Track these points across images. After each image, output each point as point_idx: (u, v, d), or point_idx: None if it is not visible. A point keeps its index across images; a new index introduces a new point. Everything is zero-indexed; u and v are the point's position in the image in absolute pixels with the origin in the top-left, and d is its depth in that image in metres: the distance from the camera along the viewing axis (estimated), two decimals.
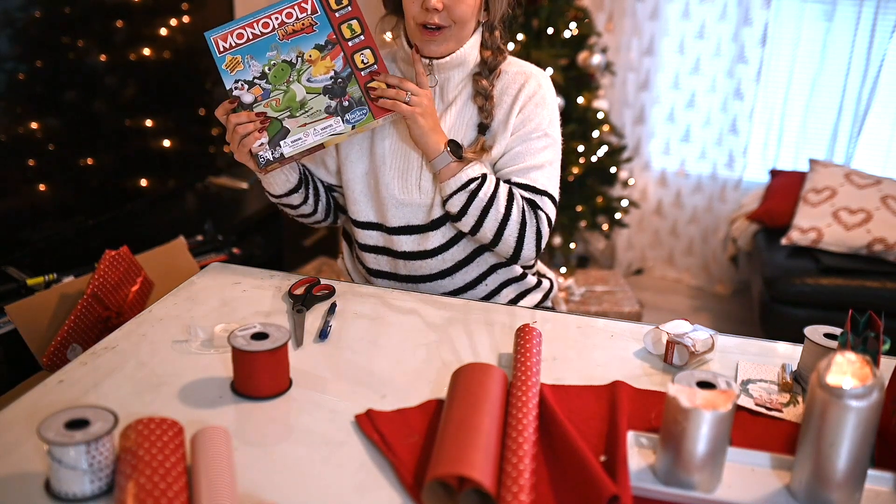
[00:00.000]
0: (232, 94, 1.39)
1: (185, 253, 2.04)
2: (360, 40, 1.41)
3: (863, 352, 1.06)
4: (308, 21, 1.40)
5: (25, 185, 2.29)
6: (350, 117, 1.40)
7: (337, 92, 1.40)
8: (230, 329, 1.27)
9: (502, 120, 1.52)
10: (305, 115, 1.39)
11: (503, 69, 1.54)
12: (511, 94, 1.52)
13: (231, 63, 1.37)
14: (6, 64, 2.17)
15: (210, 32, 1.39)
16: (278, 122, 1.39)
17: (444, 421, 1.02)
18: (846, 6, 3.20)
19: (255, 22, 1.39)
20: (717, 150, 3.50)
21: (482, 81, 1.51)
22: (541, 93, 1.53)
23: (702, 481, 0.97)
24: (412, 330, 1.36)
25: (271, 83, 1.39)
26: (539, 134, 1.52)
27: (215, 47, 1.38)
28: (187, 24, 2.83)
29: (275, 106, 1.38)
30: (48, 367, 1.59)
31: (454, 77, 1.52)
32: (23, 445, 1.01)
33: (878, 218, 2.87)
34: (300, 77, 1.39)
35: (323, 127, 1.40)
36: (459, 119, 1.53)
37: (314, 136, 1.39)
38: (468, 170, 1.46)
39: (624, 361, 1.29)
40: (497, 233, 1.48)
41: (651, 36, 3.44)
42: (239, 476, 0.96)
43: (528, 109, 1.52)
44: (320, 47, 1.40)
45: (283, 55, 1.39)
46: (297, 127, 1.39)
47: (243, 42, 1.38)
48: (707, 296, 3.61)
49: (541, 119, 1.52)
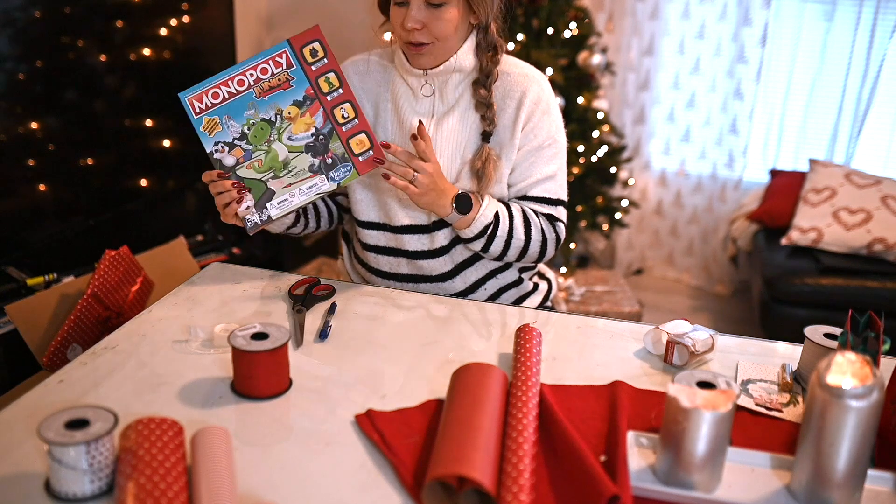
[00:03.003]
0: (213, 157, 1.35)
1: (185, 253, 2.05)
2: (338, 94, 1.37)
3: (863, 352, 1.06)
4: (284, 76, 1.35)
5: (25, 185, 2.29)
6: (334, 175, 1.38)
7: (319, 149, 1.37)
8: (230, 329, 1.27)
9: (508, 126, 1.51)
10: (289, 175, 1.36)
11: (504, 70, 1.52)
12: (515, 99, 1.51)
13: (209, 124, 1.33)
14: (6, 64, 2.17)
15: (184, 93, 1.33)
16: (262, 184, 1.36)
17: (444, 421, 1.02)
18: (846, 6, 3.19)
19: (230, 80, 1.34)
20: (717, 150, 3.50)
21: (481, 91, 1.49)
22: (545, 98, 1.53)
23: (702, 481, 0.97)
24: (412, 330, 1.36)
25: (252, 143, 1.35)
26: (549, 142, 1.53)
27: (191, 109, 1.34)
28: (187, 24, 2.83)
29: (257, 167, 1.35)
30: (48, 367, 1.59)
31: (452, 80, 1.51)
32: (23, 445, 1.01)
33: (878, 218, 2.87)
34: (281, 136, 1.36)
35: (308, 186, 1.37)
36: (462, 125, 1.52)
37: (300, 196, 1.37)
38: (480, 218, 1.46)
39: (624, 361, 1.29)
40: (521, 255, 1.54)
41: (651, 36, 3.44)
42: (239, 476, 0.96)
43: (535, 119, 1.51)
44: (299, 103, 1.36)
45: (262, 114, 1.35)
46: (282, 188, 1.36)
47: (219, 102, 1.34)
48: (707, 296, 3.61)
49: (549, 127, 1.53)
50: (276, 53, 1.35)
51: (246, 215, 1.36)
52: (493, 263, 1.59)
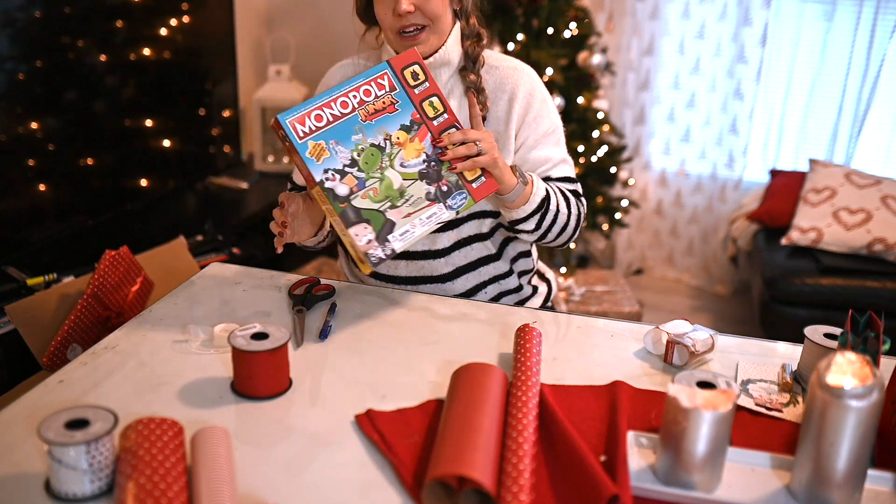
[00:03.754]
0: (324, 186, 1.22)
1: (185, 253, 2.04)
2: (444, 119, 1.33)
3: (863, 352, 1.06)
4: (389, 99, 1.29)
5: (25, 185, 2.29)
6: (452, 203, 1.31)
7: (433, 176, 1.30)
8: (230, 329, 1.27)
9: (501, 117, 1.52)
10: (407, 205, 1.27)
11: (493, 64, 1.54)
12: (507, 91, 1.52)
13: (315, 150, 1.20)
14: (6, 64, 2.17)
15: (284, 115, 1.22)
16: (381, 215, 1.25)
17: (444, 421, 1.02)
18: (846, 6, 3.19)
19: (333, 101, 1.24)
20: (717, 150, 3.49)
21: (470, 76, 1.51)
22: (538, 88, 1.56)
23: (702, 481, 0.97)
24: (412, 330, 1.36)
25: (364, 171, 1.24)
26: (553, 129, 1.56)
27: (294, 133, 1.21)
28: (187, 24, 2.83)
29: (373, 196, 1.25)
30: (48, 367, 1.59)
31: (442, 75, 1.52)
32: (23, 445, 1.01)
33: (878, 218, 2.87)
34: (393, 162, 1.27)
35: (427, 216, 1.29)
36: (458, 116, 1.52)
37: (421, 226, 1.28)
38: (538, 191, 1.45)
39: (624, 361, 1.29)
40: (562, 231, 1.54)
41: (651, 36, 3.44)
42: (239, 476, 0.96)
43: (535, 108, 1.53)
44: (406, 128, 1.29)
45: (370, 139, 1.26)
46: (402, 218, 1.26)
47: (324, 125, 1.23)
48: (707, 296, 3.61)
49: (550, 114, 1.56)
50: (377, 75, 1.29)
51: (368, 250, 1.23)
52: (493, 268, 1.58)
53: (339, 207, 1.21)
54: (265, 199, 3.11)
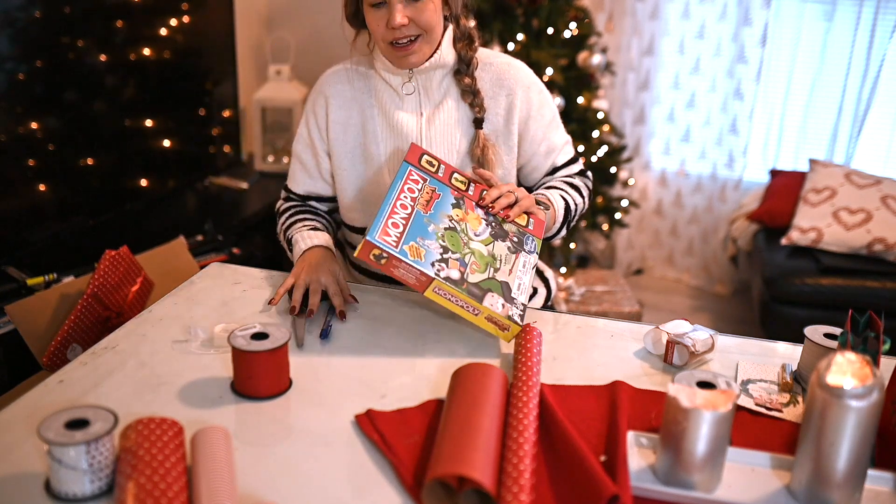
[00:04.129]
0: (441, 276, 1.25)
1: (185, 253, 2.04)
2: (473, 187, 1.45)
3: (863, 352, 1.06)
4: (428, 189, 1.38)
5: (25, 185, 2.28)
6: (529, 248, 1.40)
7: (501, 234, 1.39)
8: (230, 329, 1.27)
9: (501, 113, 1.54)
10: (504, 265, 1.34)
11: (486, 61, 1.56)
12: (505, 87, 1.54)
13: (413, 251, 1.25)
14: (6, 64, 2.17)
15: (371, 236, 1.24)
16: (494, 281, 1.30)
17: (444, 421, 1.02)
18: (846, 6, 3.19)
19: (393, 210, 1.30)
20: (717, 150, 3.49)
21: (465, 80, 1.52)
22: (534, 79, 1.59)
23: (702, 481, 0.97)
24: (413, 330, 1.36)
25: (457, 250, 1.31)
26: (552, 115, 1.61)
27: (390, 246, 1.24)
28: (187, 24, 2.83)
29: (478, 269, 1.30)
30: (48, 367, 1.59)
31: (435, 77, 1.53)
32: (23, 445, 1.01)
33: (878, 218, 2.87)
34: (469, 236, 1.35)
35: (522, 266, 1.36)
36: (452, 117, 1.53)
37: (524, 275, 1.35)
38: (558, 209, 1.53)
39: (624, 361, 1.29)
40: (580, 218, 1.70)
41: (651, 36, 3.44)
42: (239, 476, 0.96)
43: (536, 100, 1.57)
44: (456, 205, 1.39)
45: (441, 224, 1.33)
46: (508, 276, 1.33)
47: (402, 230, 1.28)
48: (707, 296, 3.61)
49: (548, 103, 1.60)
50: (406, 175, 1.38)
51: (507, 313, 1.26)
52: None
53: (463, 289, 1.25)
54: (265, 199, 3.11)
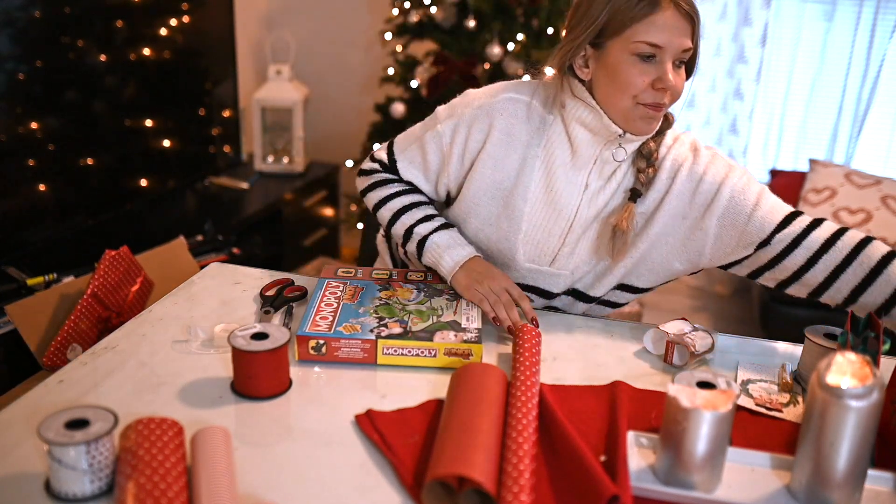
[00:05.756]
0: (383, 337, 1.25)
1: (185, 253, 2.05)
2: (396, 273, 1.47)
3: (863, 352, 1.06)
4: (350, 288, 1.40)
5: (25, 185, 2.29)
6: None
7: (436, 293, 1.41)
8: (230, 329, 1.27)
9: (677, 209, 1.35)
10: (447, 310, 1.34)
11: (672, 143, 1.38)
12: (706, 183, 1.33)
13: (349, 329, 1.26)
14: (6, 64, 2.17)
15: (302, 332, 1.25)
16: (440, 323, 1.30)
17: (444, 421, 1.02)
18: (846, 6, 3.19)
19: (318, 310, 1.31)
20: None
21: (650, 143, 1.35)
22: (719, 162, 1.36)
23: (702, 481, 0.97)
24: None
25: (394, 316, 1.31)
26: (759, 188, 1.35)
27: (323, 331, 1.25)
28: (187, 24, 2.83)
29: (420, 321, 1.31)
30: (48, 367, 1.59)
31: (629, 150, 1.36)
32: (23, 445, 1.01)
33: (878, 218, 2.87)
34: (403, 304, 1.36)
35: (466, 306, 1.37)
36: (610, 200, 1.38)
37: (469, 311, 1.34)
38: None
39: (624, 361, 1.29)
40: None
41: None
42: (239, 476, 0.96)
43: (737, 189, 1.32)
44: (383, 288, 1.41)
45: (372, 305, 1.34)
46: (454, 316, 1.33)
47: (332, 320, 1.29)
48: (707, 296, 3.61)
49: (744, 178, 1.34)
50: (324, 286, 1.40)
51: (463, 338, 1.26)
52: None
53: (409, 337, 1.25)
54: (265, 199, 3.11)
